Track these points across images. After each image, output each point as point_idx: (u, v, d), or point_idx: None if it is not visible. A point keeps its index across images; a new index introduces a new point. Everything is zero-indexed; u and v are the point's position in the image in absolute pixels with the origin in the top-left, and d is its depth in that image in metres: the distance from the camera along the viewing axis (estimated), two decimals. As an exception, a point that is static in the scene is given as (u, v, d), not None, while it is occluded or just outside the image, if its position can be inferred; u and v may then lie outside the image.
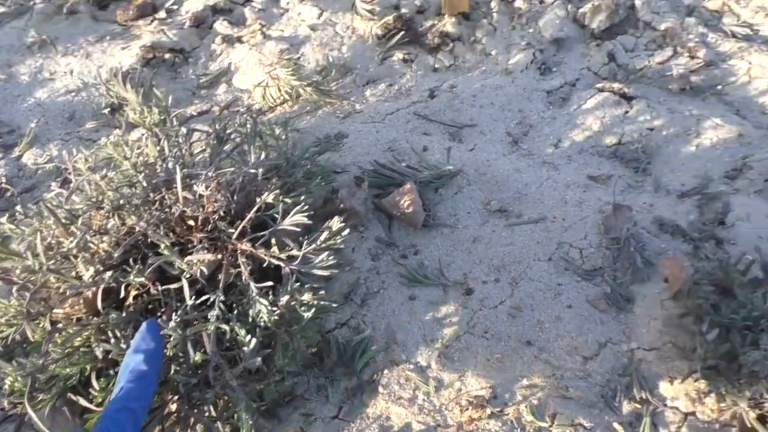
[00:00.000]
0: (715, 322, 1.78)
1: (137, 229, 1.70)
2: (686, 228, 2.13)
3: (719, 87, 2.67)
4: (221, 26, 2.93)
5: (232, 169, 1.82)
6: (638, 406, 1.79)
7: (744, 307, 1.76)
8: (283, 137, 2.12)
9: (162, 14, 3.00)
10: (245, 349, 1.58)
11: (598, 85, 2.59)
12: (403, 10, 2.91)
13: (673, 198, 2.26)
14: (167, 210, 1.78)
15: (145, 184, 1.77)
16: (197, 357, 1.57)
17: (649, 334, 1.89)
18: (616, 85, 2.55)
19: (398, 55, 2.83)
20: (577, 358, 1.86)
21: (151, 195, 1.80)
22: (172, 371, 1.60)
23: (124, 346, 1.54)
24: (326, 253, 1.72)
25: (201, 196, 1.77)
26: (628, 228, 2.03)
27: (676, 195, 2.27)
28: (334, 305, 1.88)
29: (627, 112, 2.50)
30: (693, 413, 1.75)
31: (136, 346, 1.50)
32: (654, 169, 2.37)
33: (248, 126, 1.97)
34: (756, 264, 1.91)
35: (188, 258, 1.71)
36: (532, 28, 2.90)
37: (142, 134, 2.44)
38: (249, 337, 1.59)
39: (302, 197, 1.94)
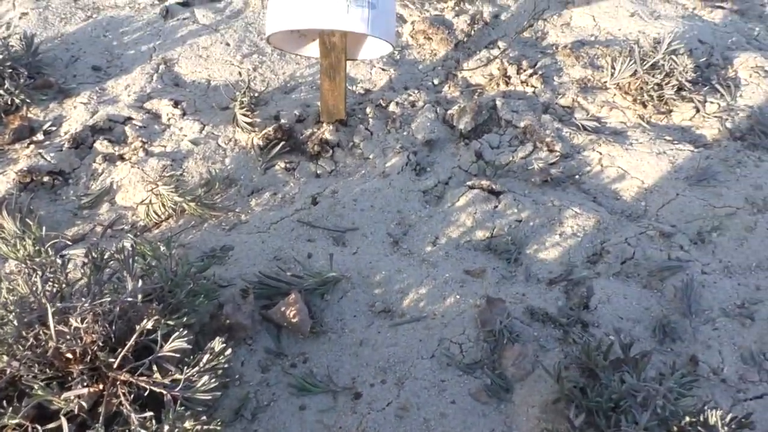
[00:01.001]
0: (582, 407, 1.91)
1: (8, 370, 1.66)
2: (555, 314, 2.30)
3: (576, 177, 2.94)
4: (101, 145, 2.95)
5: (109, 298, 1.82)
6: (524, 494, 1.87)
7: (607, 389, 1.90)
8: (167, 256, 2.14)
9: (40, 136, 2.99)
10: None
11: (469, 183, 2.79)
12: (283, 121, 3.05)
13: (543, 286, 2.44)
14: (42, 346, 1.76)
15: (16, 323, 1.74)
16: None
17: (528, 422, 2.00)
18: (484, 182, 2.76)
19: (280, 164, 2.94)
20: (464, 453, 1.93)
21: (24, 332, 1.77)
22: None
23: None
24: (207, 376, 1.74)
25: (77, 328, 1.76)
26: (500, 320, 2.17)
27: (546, 283, 2.45)
28: (219, 426, 1.87)
29: (496, 206, 2.70)
30: (574, 496, 1.85)
31: None
32: (525, 259, 2.55)
33: (126, 251, 1.99)
34: (615, 345, 2.08)
35: (65, 395, 1.68)
36: (405, 131, 3.10)
37: (17, 267, 2.39)
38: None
39: (184, 319, 1.96)
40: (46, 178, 2.81)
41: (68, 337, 1.74)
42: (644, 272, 2.48)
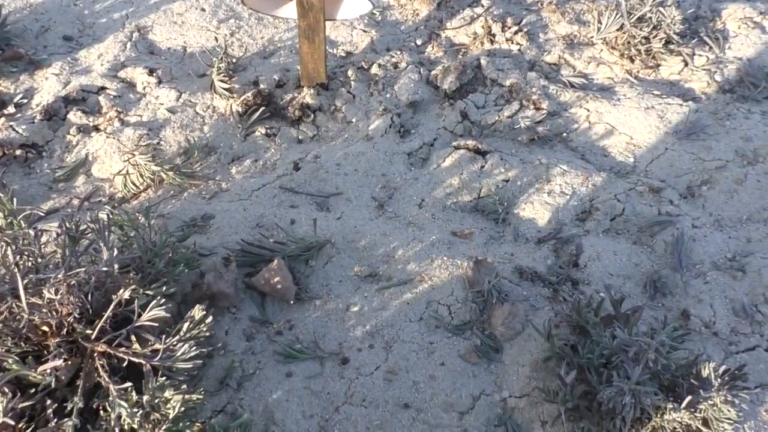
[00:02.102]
0: (573, 364, 1.88)
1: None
2: (545, 273, 2.26)
3: (564, 135, 2.88)
4: (75, 116, 2.86)
5: (83, 268, 1.76)
6: (516, 454, 1.84)
7: (598, 346, 1.87)
8: (145, 226, 2.08)
9: (11, 109, 2.89)
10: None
11: (454, 143, 2.73)
12: (262, 86, 2.96)
13: (531, 245, 2.39)
14: (16, 319, 1.70)
15: (-13, 296, 1.68)
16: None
17: (519, 381, 1.97)
18: (470, 142, 2.69)
19: (261, 131, 2.86)
20: (454, 414, 1.90)
21: (-6, 307, 1.71)
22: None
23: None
24: (188, 344, 1.69)
25: (52, 300, 1.70)
26: (489, 280, 2.13)
27: (534, 242, 2.41)
28: (202, 395, 1.83)
29: (483, 166, 2.64)
30: (567, 455, 1.83)
31: None
32: (512, 219, 2.50)
33: (101, 221, 1.92)
34: (606, 302, 2.04)
35: (41, 368, 1.63)
36: (389, 93, 3.02)
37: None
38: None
39: (164, 288, 1.90)
40: (18, 152, 2.73)
41: (43, 309, 1.68)
42: (634, 228, 2.44)
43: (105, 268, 1.77)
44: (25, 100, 2.99)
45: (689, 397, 1.69)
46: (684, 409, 1.69)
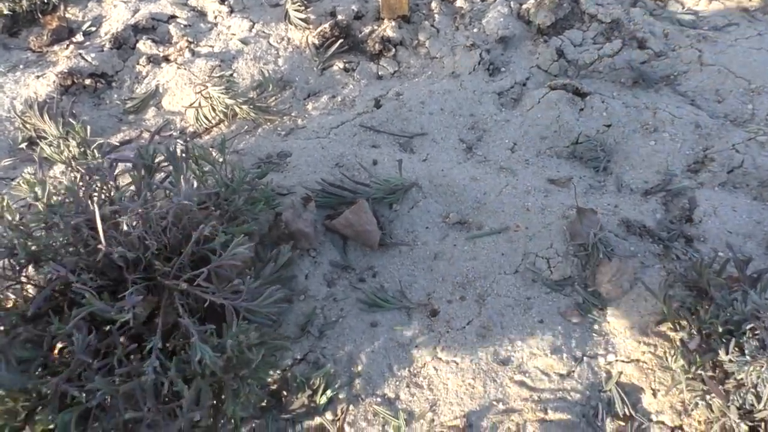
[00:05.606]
0: (694, 329, 1.67)
1: (55, 276, 1.50)
2: (654, 228, 2.03)
3: (671, 77, 2.60)
4: (145, 46, 2.72)
5: (162, 201, 1.63)
6: (622, 423, 1.67)
7: (723, 311, 1.66)
8: (221, 161, 1.93)
9: (79, 37, 2.77)
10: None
11: (550, 83, 2.49)
12: (340, 17, 2.76)
13: (637, 197, 2.17)
14: (92, 252, 1.58)
15: (62, 226, 1.56)
16: (127, 415, 1.37)
17: (627, 345, 1.78)
18: (568, 82, 2.45)
19: (338, 65, 2.67)
20: (554, 377, 1.73)
21: (71, 237, 1.60)
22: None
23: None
24: (274, 286, 1.55)
25: (129, 233, 1.58)
26: (594, 233, 1.92)
27: (640, 193, 2.18)
28: (287, 342, 1.71)
29: (582, 109, 2.40)
30: (680, 427, 1.64)
31: None
32: (615, 168, 2.27)
33: (179, 152, 1.78)
34: (730, 262, 1.82)
35: (119, 304, 1.52)
36: (476, 28, 2.78)
37: (62, 171, 2.23)
38: (186, 387, 1.40)
39: (245, 226, 1.76)
40: (87, 81, 2.61)
41: (120, 242, 1.56)
42: (754, 182, 2.18)
43: (185, 201, 1.63)
44: (94, 28, 2.86)
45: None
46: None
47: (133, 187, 1.89)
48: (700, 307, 1.72)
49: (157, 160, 1.86)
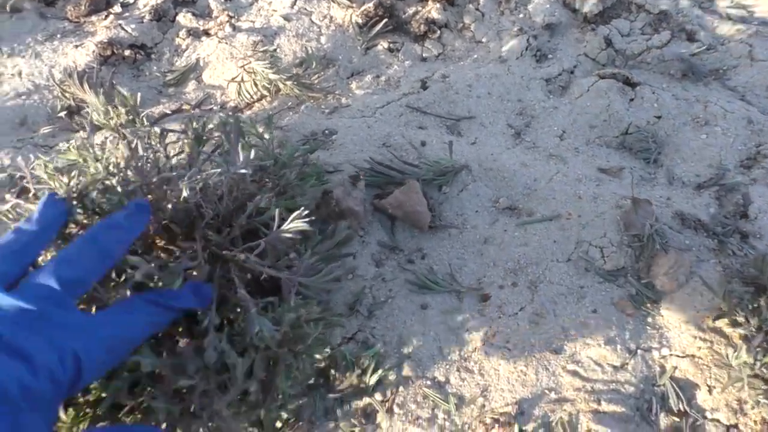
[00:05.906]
0: (756, 326, 1.64)
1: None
2: (708, 222, 2.00)
3: (720, 72, 2.55)
4: (185, 19, 2.68)
5: (219, 170, 1.59)
6: (676, 419, 1.63)
7: (790, 306, 1.62)
8: (267, 136, 1.89)
9: (117, 8, 2.72)
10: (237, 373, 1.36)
11: (598, 72, 2.44)
12: (385, -4, 2.71)
13: (689, 190, 2.13)
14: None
15: (119, 189, 1.52)
16: (181, 382, 1.33)
17: (682, 339, 1.74)
18: (618, 71, 2.40)
19: (383, 45, 2.62)
20: (608, 368, 1.70)
21: (125, 200, 1.56)
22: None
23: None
24: (335, 263, 1.52)
25: (186, 200, 1.54)
26: (651, 224, 1.88)
27: (692, 187, 2.14)
28: (342, 319, 1.67)
29: (632, 99, 2.35)
30: (735, 425, 1.61)
31: None
32: (666, 160, 2.23)
33: (230, 123, 1.74)
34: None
35: (172, 265, 1.48)
36: (521, 14, 2.73)
37: (106, 137, 2.19)
38: (240, 360, 1.37)
39: (297, 200, 1.73)
40: (127, 52, 2.57)
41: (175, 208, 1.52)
42: (809, 180, 2.15)
43: (242, 170, 1.59)
44: (132, 0, 2.81)
45: None
46: None
47: (182, 156, 1.85)
48: (759, 304, 1.69)
49: (208, 128, 1.82)
